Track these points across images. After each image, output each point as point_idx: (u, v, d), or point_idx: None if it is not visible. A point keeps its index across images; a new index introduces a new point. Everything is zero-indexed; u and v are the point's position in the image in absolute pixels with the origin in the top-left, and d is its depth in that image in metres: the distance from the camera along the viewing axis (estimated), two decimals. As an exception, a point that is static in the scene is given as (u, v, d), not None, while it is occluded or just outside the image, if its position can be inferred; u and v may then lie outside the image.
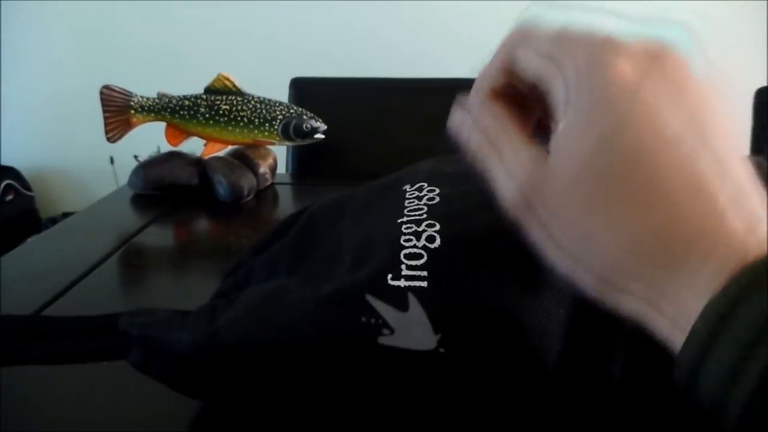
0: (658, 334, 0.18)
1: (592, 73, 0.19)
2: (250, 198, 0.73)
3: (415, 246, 0.25)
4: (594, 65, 0.19)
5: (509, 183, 0.20)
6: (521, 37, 0.22)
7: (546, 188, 0.19)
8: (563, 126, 0.19)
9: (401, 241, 0.25)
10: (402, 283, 0.24)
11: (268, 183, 0.78)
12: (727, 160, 0.18)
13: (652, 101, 0.18)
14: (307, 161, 1.03)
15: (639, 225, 0.18)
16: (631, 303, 0.18)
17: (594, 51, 0.19)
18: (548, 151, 0.20)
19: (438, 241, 0.25)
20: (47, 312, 0.43)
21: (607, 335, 0.23)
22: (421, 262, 0.24)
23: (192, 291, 0.49)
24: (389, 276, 0.24)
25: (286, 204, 0.79)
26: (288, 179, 0.92)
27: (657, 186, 0.18)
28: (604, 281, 0.18)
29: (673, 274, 0.17)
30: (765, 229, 0.17)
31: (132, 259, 0.56)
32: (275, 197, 0.78)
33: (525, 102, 0.22)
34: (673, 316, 0.17)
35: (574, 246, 0.19)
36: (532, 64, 0.21)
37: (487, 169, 0.21)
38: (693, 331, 0.16)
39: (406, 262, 0.24)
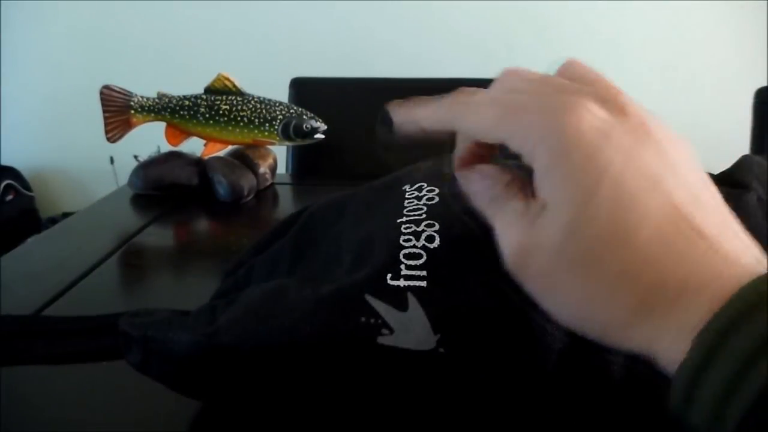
0: (664, 370, 0.18)
1: (557, 130, 0.19)
2: (250, 198, 0.73)
3: (414, 246, 0.25)
4: (558, 123, 0.19)
5: (505, 243, 0.20)
6: (461, 101, 0.22)
7: (537, 252, 0.19)
8: (541, 190, 0.19)
9: (401, 241, 0.25)
10: (401, 282, 0.24)
11: (268, 183, 0.78)
12: (704, 192, 0.19)
13: (626, 145, 0.18)
14: (307, 161, 1.03)
15: (632, 274, 0.18)
16: (633, 344, 0.18)
17: (551, 114, 0.19)
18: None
19: (437, 241, 0.25)
20: (47, 312, 0.43)
21: None
22: (421, 261, 0.24)
23: (192, 291, 0.49)
24: (389, 276, 0.24)
25: (286, 204, 0.79)
26: (288, 179, 0.92)
27: (646, 228, 0.18)
28: (604, 334, 0.19)
29: (672, 312, 0.17)
30: (754, 253, 0.18)
31: (132, 259, 0.56)
32: (275, 197, 0.78)
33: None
34: (675, 349, 0.17)
35: (570, 304, 0.19)
36: (485, 120, 0.21)
37: (490, 221, 0.21)
38: (685, 359, 0.16)
39: (405, 261, 0.24)
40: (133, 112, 0.75)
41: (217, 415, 0.30)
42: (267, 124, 0.75)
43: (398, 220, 0.27)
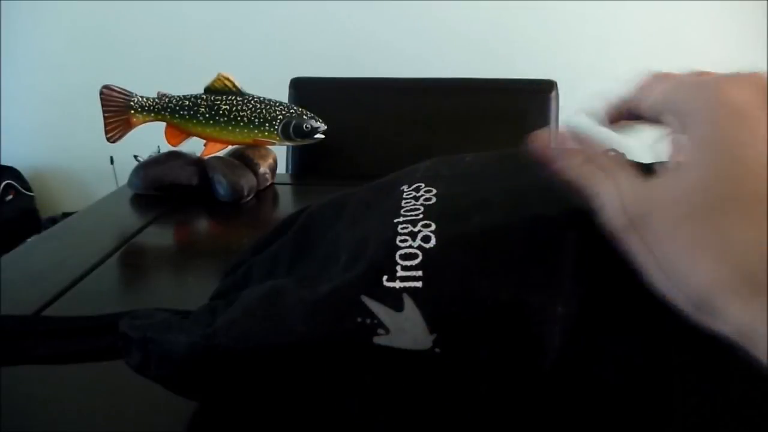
0: (758, 358, 0.17)
1: (709, 105, 0.20)
2: (250, 198, 0.73)
3: (410, 246, 0.25)
4: (710, 98, 0.20)
5: (615, 202, 0.21)
6: (648, 84, 0.24)
7: (655, 207, 0.20)
8: (683, 154, 0.20)
9: (397, 242, 0.25)
10: (397, 284, 0.24)
11: (268, 183, 0.78)
12: None
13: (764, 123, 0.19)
14: (307, 161, 1.03)
15: (747, 240, 0.18)
16: (728, 325, 0.18)
17: (709, 86, 0.21)
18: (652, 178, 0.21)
19: (433, 241, 0.25)
20: (47, 312, 0.43)
21: (604, 335, 0.23)
22: (416, 262, 0.24)
23: (192, 291, 0.49)
24: (385, 277, 0.24)
25: (286, 204, 0.79)
26: (288, 179, 0.92)
27: (761, 208, 0.18)
28: (701, 303, 0.18)
29: None
30: None
31: (132, 259, 0.56)
32: (275, 197, 0.78)
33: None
34: None
35: (677, 267, 0.19)
36: (657, 103, 0.23)
37: (593, 186, 0.22)
38: None
39: (401, 262, 0.24)
40: (133, 112, 0.75)
41: (216, 415, 0.30)
42: (267, 124, 0.75)
43: (395, 220, 0.27)
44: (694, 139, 0.20)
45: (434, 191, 0.29)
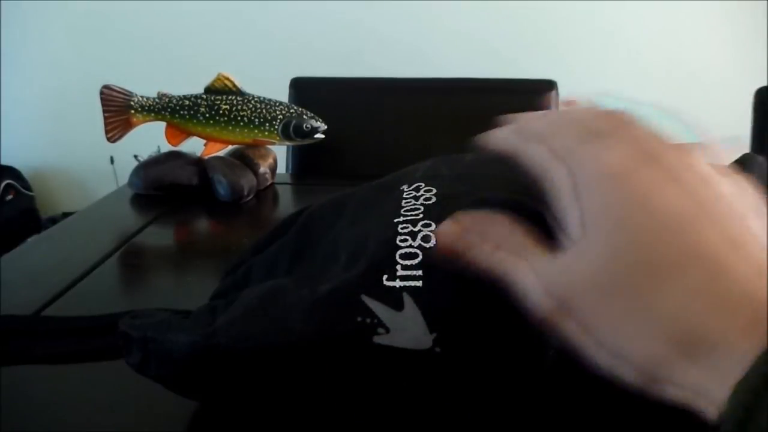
0: (708, 420, 0.17)
1: (587, 175, 0.20)
2: (250, 198, 0.73)
3: (410, 246, 0.25)
4: (586, 167, 0.20)
5: (537, 288, 0.20)
6: (522, 134, 0.23)
7: (574, 289, 0.19)
8: (575, 226, 0.19)
9: (397, 241, 0.25)
10: (397, 283, 0.24)
11: (268, 183, 0.78)
12: (741, 231, 0.18)
13: (649, 188, 0.19)
14: (307, 161, 1.03)
15: (668, 305, 0.17)
16: (676, 391, 0.18)
17: (588, 148, 0.20)
18: (560, 250, 0.20)
19: (433, 241, 0.25)
20: (47, 312, 0.43)
21: None
22: (416, 261, 0.24)
23: (192, 291, 0.49)
24: (385, 277, 0.24)
25: (286, 204, 0.79)
26: (288, 179, 0.92)
27: (674, 274, 0.18)
28: (646, 374, 0.18)
29: (714, 358, 0.17)
30: None
31: (132, 259, 0.56)
32: (275, 197, 0.78)
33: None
34: (720, 398, 0.16)
35: (612, 342, 0.19)
36: (534, 160, 0.22)
37: (508, 275, 0.21)
38: (727, 409, 0.16)
39: (401, 262, 0.25)
40: (133, 111, 0.75)
41: (215, 414, 0.30)
42: (267, 124, 0.75)
43: (395, 220, 0.27)
44: (582, 210, 0.19)
45: (434, 191, 0.29)
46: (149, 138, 0.86)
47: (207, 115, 0.74)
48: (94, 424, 0.31)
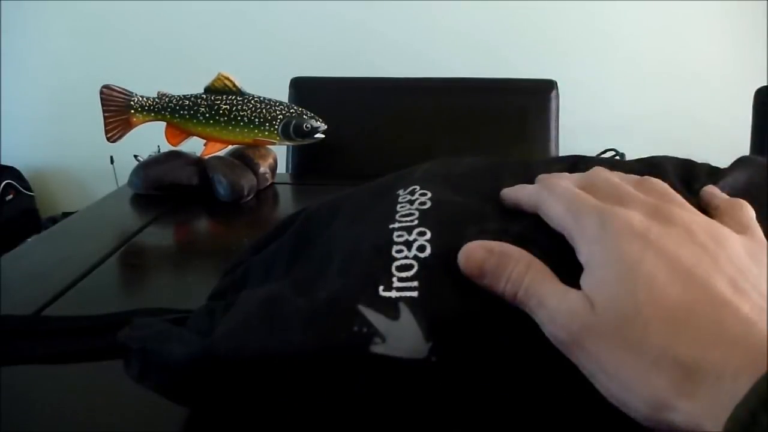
0: None
1: (605, 228, 0.23)
2: (250, 198, 0.73)
3: (406, 257, 0.25)
4: (607, 222, 0.23)
5: (552, 321, 0.22)
6: (545, 190, 0.26)
7: (585, 327, 0.21)
8: (590, 274, 0.22)
9: (392, 252, 0.25)
10: (393, 294, 0.24)
11: (268, 183, 0.78)
12: (746, 277, 0.21)
13: (662, 246, 0.21)
14: (307, 161, 1.03)
15: (672, 354, 0.19)
16: (683, 417, 0.19)
17: (605, 212, 0.23)
18: (573, 288, 0.22)
19: (428, 250, 0.25)
20: (47, 312, 0.43)
21: None
22: (412, 273, 0.24)
23: (192, 291, 0.49)
24: (381, 287, 0.24)
25: (286, 204, 0.79)
26: (288, 179, 0.92)
27: (680, 315, 0.20)
28: (649, 412, 0.20)
29: (712, 394, 0.18)
30: None
31: (132, 259, 0.56)
32: (275, 197, 0.78)
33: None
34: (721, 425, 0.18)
35: (620, 377, 0.20)
36: (556, 215, 0.25)
37: (532, 303, 0.23)
38: (726, 427, 0.17)
39: (397, 274, 0.25)
40: (133, 111, 0.75)
41: (215, 417, 0.30)
42: (267, 124, 0.75)
43: (390, 226, 0.27)
44: (593, 270, 0.22)
45: (429, 194, 0.29)
46: (149, 138, 0.86)
47: (207, 115, 0.74)
48: (94, 424, 0.31)
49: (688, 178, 0.30)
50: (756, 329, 0.19)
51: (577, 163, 0.32)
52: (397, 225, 0.27)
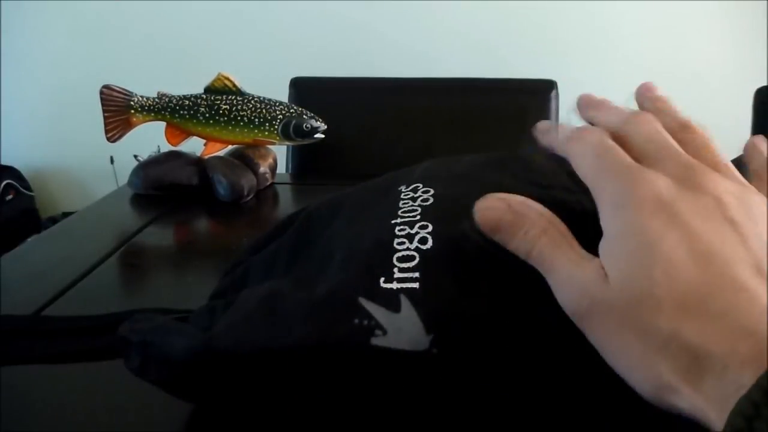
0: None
1: (628, 195, 0.21)
2: (250, 198, 0.73)
3: (407, 248, 0.25)
4: (631, 189, 0.21)
5: (563, 289, 0.21)
6: (577, 135, 0.24)
7: (595, 301, 0.20)
8: (607, 243, 0.21)
9: (394, 245, 0.25)
10: (394, 285, 0.24)
11: (268, 183, 0.78)
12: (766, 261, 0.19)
13: (686, 221, 0.20)
14: (307, 161, 1.03)
15: (681, 339, 0.18)
16: (687, 402, 0.18)
17: (630, 176, 0.21)
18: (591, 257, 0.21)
19: (430, 243, 0.25)
20: (47, 312, 0.43)
21: None
22: (413, 264, 0.24)
23: (192, 291, 0.49)
24: (382, 279, 0.24)
25: (286, 204, 0.79)
26: (288, 179, 0.92)
27: (694, 298, 0.19)
28: (655, 393, 0.19)
29: (720, 382, 0.18)
30: None
31: (132, 259, 0.56)
32: (275, 197, 0.78)
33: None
34: (721, 420, 0.17)
35: (624, 359, 0.20)
36: (582, 169, 0.23)
37: (545, 266, 0.22)
38: (729, 419, 0.16)
39: (398, 264, 0.25)
40: (133, 111, 0.75)
41: (216, 415, 0.30)
42: (267, 124, 0.75)
43: (392, 221, 0.27)
44: (612, 239, 0.21)
45: (432, 191, 0.29)
46: (149, 138, 0.86)
47: (207, 115, 0.74)
48: (94, 424, 0.31)
49: None
50: None
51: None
52: (399, 220, 0.27)
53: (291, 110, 0.76)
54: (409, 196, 0.29)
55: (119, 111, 0.75)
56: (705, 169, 0.22)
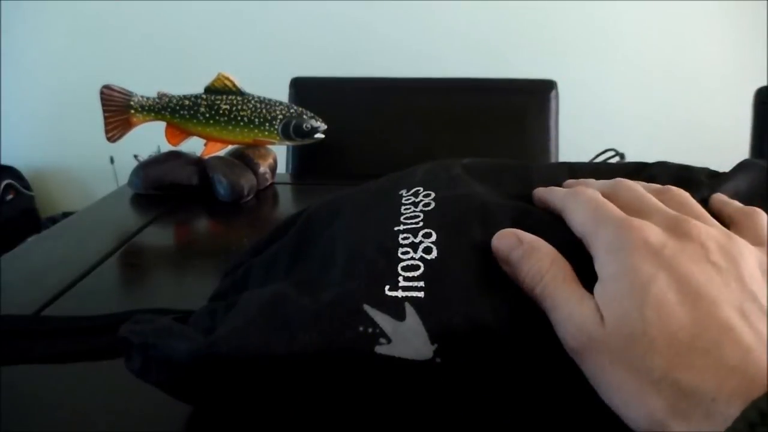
0: None
1: (621, 241, 0.23)
2: (250, 198, 0.73)
3: (412, 258, 0.25)
4: (624, 235, 0.23)
5: (564, 326, 0.22)
6: (571, 196, 0.27)
7: (594, 343, 0.21)
8: (602, 286, 0.22)
9: (399, 254, 0.25)
10: (399, 293, 0.24)
11: (268, 183, 0.78)
12: (755, 298, 0.21)
13: (675, 264, 0.21)
14: (307, 161, 1.03)
15: (672, 377, 0.19)
16: None
17: (623, 225, 0.23)
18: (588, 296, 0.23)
19: (435, 252, 0.25)
20: (47, 312, 0.43)
21: None
22: (418, 273, 0.25)
23: (192, 291, 0.49)
24: (387, 287, 0.24)
25: (286, 204, 0.79)
26: (288, 179, 0.92)
27: (684, 338, 0.20)
28: (650, 425, 0.20)
29: (707, 419, 0.18)
30: None
31: (132, 259, 0.56)
32: (275, 197, 0.78)
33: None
34: None
35: (617, 393, 0.21)
36: (577, 220, 0.25)
37: (548, 303, 0.23)
38: None
39: (403, 273, 0.25)
40: (133, 111, 0.75)
41: (216, 415, 0.30)
42: (267, 124, 0.75)
43: (395, 228, 0.27)
44: (608, 268, 0.22)
45: (433, 195, 0.29)
46: (149, 138, 0.86)
47: (207, 115, 0.74)
48: (94, 424, 0.31)
49: (687, 184, 0.30)
50: (754, 356, 0.19)
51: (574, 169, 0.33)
52: (402, 227, 0.27)
53: (291, 110, 0.76)
54: (410, 201, 0.29)
55: (119, 111, 0.75)
56: (689, 219, 0.24)
